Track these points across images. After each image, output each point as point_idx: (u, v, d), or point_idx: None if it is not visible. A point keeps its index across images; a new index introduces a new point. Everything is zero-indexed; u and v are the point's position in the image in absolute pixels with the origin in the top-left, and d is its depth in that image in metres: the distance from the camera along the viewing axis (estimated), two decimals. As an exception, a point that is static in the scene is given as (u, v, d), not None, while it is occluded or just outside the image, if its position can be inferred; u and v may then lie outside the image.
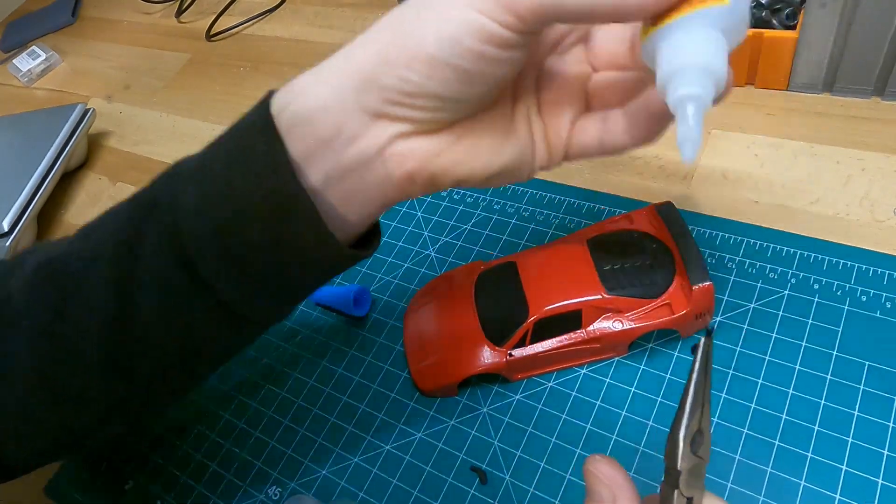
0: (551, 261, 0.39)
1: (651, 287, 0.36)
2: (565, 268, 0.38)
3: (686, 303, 0.35)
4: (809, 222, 0.42)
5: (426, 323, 0.42)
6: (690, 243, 0.37)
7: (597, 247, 0.38)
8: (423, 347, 0.41)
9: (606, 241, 0.39)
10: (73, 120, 0.69)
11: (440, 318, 0.41)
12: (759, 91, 0.50)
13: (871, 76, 0.45)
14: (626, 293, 0.36)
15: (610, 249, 0.38)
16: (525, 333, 0.37)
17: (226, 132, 0.29)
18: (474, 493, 0.37)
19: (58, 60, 0.92)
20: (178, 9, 0.89)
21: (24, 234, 0.62)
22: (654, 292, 0.36)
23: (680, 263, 0.36)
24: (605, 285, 0.36)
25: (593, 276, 0.37)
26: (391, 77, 0.25)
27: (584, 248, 0.38)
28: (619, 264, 0.37)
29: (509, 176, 0.30)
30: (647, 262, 0.37)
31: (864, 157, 0.44)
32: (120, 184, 0.69)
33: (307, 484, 0.40)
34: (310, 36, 0.75)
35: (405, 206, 0.52)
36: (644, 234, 0.38)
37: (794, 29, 0.46)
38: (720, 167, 0.46)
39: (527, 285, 0.38)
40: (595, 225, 0.41)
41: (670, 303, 0.36)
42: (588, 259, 0.38)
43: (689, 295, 0.35)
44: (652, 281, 0.36)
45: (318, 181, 0.27)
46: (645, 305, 0.36)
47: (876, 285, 0.37)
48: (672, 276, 0.36)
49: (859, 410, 0.33)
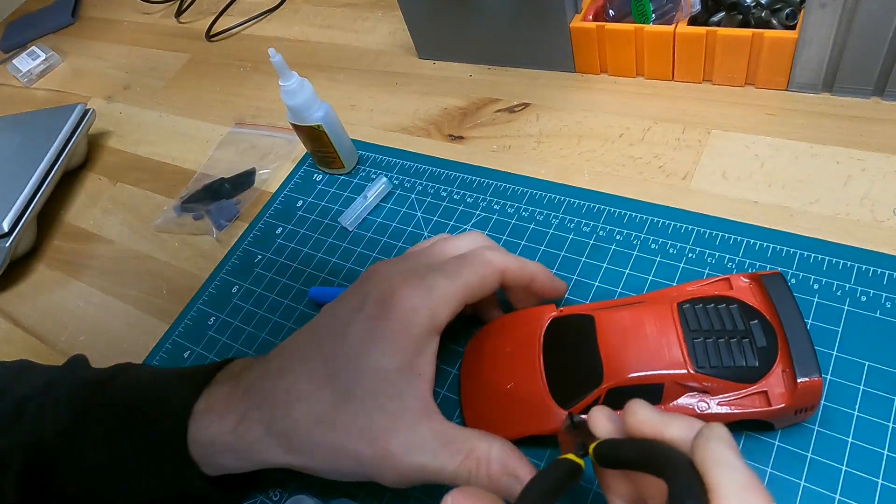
0: (634, 322, 0.34)
1: (746, 371, 0.32)
2: (649, 333, 0.33)
3: (787, 397, 0.31)
4: (809, 222, 0.42)
5: (486, 363, 0.39)
6: (799, 325, 0.32)
7: (687, 313, 0.34)
8: (480, 389, 0.38)
9: (699, 307, 0.34)
10: (73, 120, 0.69)
11: (502, 362, 0.38)
12: (759, 91, 0.50)
13: (871, 76, 0.45)
14: (717, 373, 0.32)
15: (702, 318, 0.34)
16: (596, 400, 0.33)
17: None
18: (474, 493, 0.37)
19: (58, 61, 0.92)
20: (178, 9, 0.89)
21: (25, 234, 0.62)
22: (749, 376, 0.32)
23: (783, 347, 0.32)
24: (693, 360, 0.32)
25: (680, 347, 0.32)
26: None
27: (672, 312, 0.34)
28: (711, 337, 0.33)
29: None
30: (746, 339, 0.33)
31: (864, 158, 0.44)
32: (120, 184, 0.69)
33: (308, 484, 0.40)
34: (310, 36, 0.75)
35: (405, 206, 0.52)
36: (743, 305, 0.34)
37: (794, 29, 0.46)
38: (720, 167, 0.46)
39: (603, 345, 0.34)
40: (685, 284, 0.37)
41: (767, 391, 0.32)
42: (676, 326, 0.33)
43: (794, 389, 0.31)
44: (748, 363, 0.32)
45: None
46: (737, 390, 0.32)
47: (876, 285, 0.37)
48: (773, 360, 0.32)
49: (859, 410, 0.33)
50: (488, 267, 0.35)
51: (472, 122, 0.57)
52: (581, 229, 0.46)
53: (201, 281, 0.54)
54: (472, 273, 0.35)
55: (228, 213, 0.58)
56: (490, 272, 0.35)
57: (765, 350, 0.32)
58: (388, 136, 0.59)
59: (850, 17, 0.42)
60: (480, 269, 0.35)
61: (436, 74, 0.63)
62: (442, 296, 0.34)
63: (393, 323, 0.33)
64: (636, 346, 0.33)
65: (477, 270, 0.35)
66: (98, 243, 0.63)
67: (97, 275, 0.60)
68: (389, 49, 0.68)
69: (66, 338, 0.56)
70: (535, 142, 0.53)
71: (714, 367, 0.32)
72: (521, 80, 0.59)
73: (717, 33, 0.47)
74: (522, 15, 0.54)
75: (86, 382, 0.39)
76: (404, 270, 0.35)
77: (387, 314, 0.33)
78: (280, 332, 0.48)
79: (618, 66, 0.54)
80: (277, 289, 0.50)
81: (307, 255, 0.52)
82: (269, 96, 0.69)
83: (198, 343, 0.49)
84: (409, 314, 0.33)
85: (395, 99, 0.62)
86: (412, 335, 0.33)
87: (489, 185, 0.51)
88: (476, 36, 0.59)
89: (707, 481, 0.22)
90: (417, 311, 0.33)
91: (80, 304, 0.58)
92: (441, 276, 0.34)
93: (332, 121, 0.52)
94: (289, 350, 0.36)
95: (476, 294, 0.35)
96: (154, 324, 0.53)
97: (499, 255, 0.36)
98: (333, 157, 0.55)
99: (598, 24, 0.52)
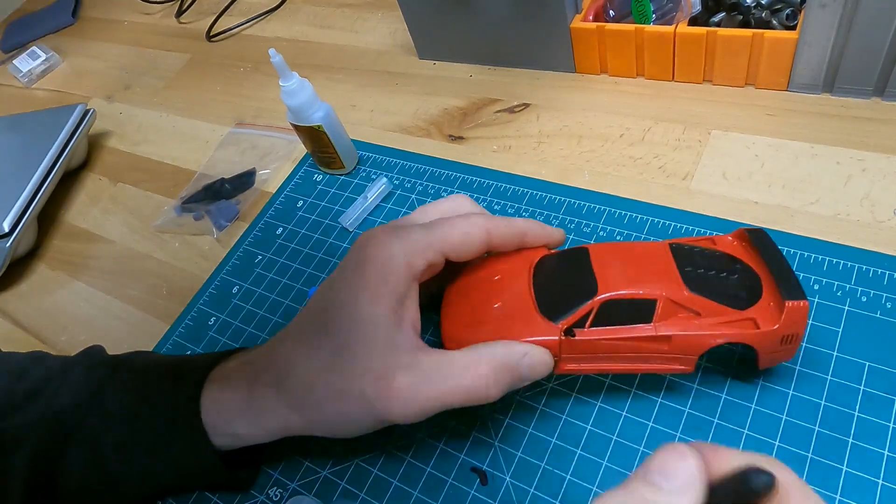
0: (630, 250, 0.35)
1: (736, 299, 0.33)
2: (644, 262, 0.34)
3: (776, 318, 0.32)
4: (809, 222, 0.42)
5: (470, 295, 0.37)
6: (784, 264, 0.33)
7: (679, 251, 0.35)
8: (463, 317, 0.36)
9: (689, 249, 0.35)
10: (73, 120, 0.69)
11: (488, 288, 0.37)
12: (760, 91, 0.50)
13: (871, 76, 0.45)
14: (709, 296, 0.32)
15: (693, 256, 0.34)
16: (588, 314, 0.33)
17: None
18: (474, 493, 0.37)
19: (58, 61, 0.92)
20: (178, 9, 0.89)
21: (25, 234, 0.62)
22: (739, 304, 0.33)
23: (769, 282, 0.33)
24: (686, 283, 0.33)
25: (674, 274, 0.33)
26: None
27: (665, 249, 0.35)
28: (702, 269, 0.34)
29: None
30: (734, 276, 0.34)
31: (865, 158, 0.44)
32: (120, 184, 0.69)
33: (308, 484, 0.40)
34: (310, 36, 0.75)
35: (406, 207, 0.52)
36: (729, 255, 0.35)
37: (794, 29, 0.46)
38: (720, 167, 0.46)
39: (598, 266, 0.34)
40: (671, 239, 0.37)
41: (755, 318, 0.32)
42: (669, 259, 0.34)
43: (781, 310, 0.31)
44: (737, 294, 0.33)
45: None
46: (728, 314, 0.32)
47: (876, 285, 0.37)
48: (760, 292, 0.33)
49: (859, 410, 0.33)
50: (471, 226, 0.36)
51: (473, 122, 0.57)
52: (581, 230, 0.46)
53: (202, 281, 0.54)
54: (451, 227, 0.35)
55: (229, 213, 0.58)
56: (473, 230, 0.35)
57: (752, 287, 0.33)
58: (388, 137, 0.59)
59: (851, 17, 0.42)
60: (461, 225, 0.35)
61: (436, 74, 0.63)
62: (417, 242, 0.34)
63: (372, 272, 0.34)
64: (633, 267, 0.34)
65: (456, 225, 0.35)
66: (98, 243, 0.63)
67: (97, 275, 0.60)
68: (389, 49, 0.68)
69: (67, 338, 0.56)
70: (536, 142, 0.53)
71: (706, 292, 0.32)
72: (522, 81, 0.59)
73: (718, 34, 0.48)
74: (522, 15, 0.54)
75: (102, 362, 0.41)
76: (384, 227, 0.36)
77: (364, 266, 0.34)
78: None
79: (618, 66, 0.54)
80: (278, 289, 0.50)
81: (307, 255, 0.52)
82: (269, 96, 0.70)
83: (198, 343, 0.49)
84: (385, 262, 0.34)
85: (396, 99, 0.62)
86: (390, 283, 0.34)
87: (489, 185, 0.51)
88: (476, 36, 0.59)
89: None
90: (394, 258, 0.34)
91: (80, 304, 0.58)
92: (418, 228, 0.35)
93: (333, 121, 0.52)
94: (293, 320, 0.38)
95: (457, 249, 0.35)
96: (154, 324, 0.53)
97: (483, 217, 0.36)
98: (334, 158, 0.55)
99: (598, 25, 0.52)
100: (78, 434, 0.37)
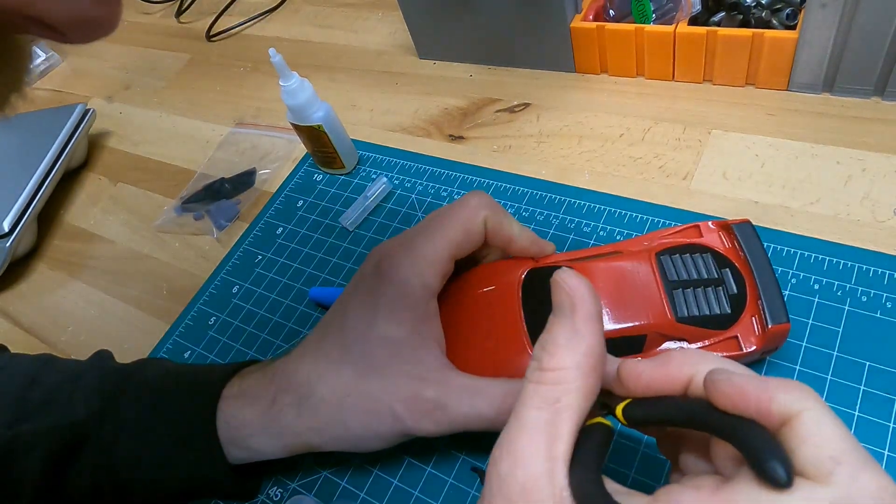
0: (616, 275, 0.35)
1: (720, 318, 0.34)
2: (631, 285, 0.35)
3: (758, 340, 0.33)
4: (809, 222, 0.42)
5: (462, 313, 0.38)
6: (768, 272, 0.34)
7: (665, 264, 0.35)
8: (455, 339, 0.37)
9: (675, 257, 0.36)
10: (73, 120, 0.69)
11: (479, 312, 0.37)
12: (760, 91, 0.50)
13: (871, 76, 0.45)
14: (695, 322, 0.34)
15: (679, 268, 0.35)
16: None
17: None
18: (475, 493, 0.37)
19: (58, 60, 0.92)
20: (178, 9, 0.89)
21: (25, 234, 0.62)
22: (722, 323, 0.34)
23: (753, 293, 0.34)
24: (673, 310, 0.34)
25: (661, 299, 0.34)
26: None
27: (651, 263, 0.35)
28: (689, 287, 0.35)
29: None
30: (720, 288, 0.35)
31: (865, 158, 0.44)
32: (120, 184, 0.69)
33: (308, 484, 0.40)
34: (310, 36, 0.75)
35: (405, 207, 0.52)
36: (716, 254, 0.36)
37: (794, 29, 0.46)
38: (720, 167, 0.46)
39: None
40: (657, 233, 0.38)
41: (738, 336, 0.34)
42: (656, 277, 0.35)
43: (764, 333, 0.33)
44: (721, 310, 0.34)
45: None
46: (712, 337, 0.34)
47: (876, 285, 0.37)
48: (743, 307, 0.34)
49: (859, 410, 0.33)
50: (471, 211, 0.36)
51: (473, 122, 0.57)
52: (581, 229, 0.46)
53: (202, 281, 0.54)
54: (453, 226, 0.35)
55: (229, 213, 0.58)
56: (473, 217, 0.36)
57: (736, 298, 0.34)
58: (388, 136, 0.59)
59: (851, 17, 0.42)
60: (462, 214, 0.36)
61: (436, 74, 0.63)
62: (428, 261, 0.35)
63: (390, 295, 0.34)
64: (620, 299, 0.34)
65: (457, 217, 0.35)
66: (98, 243, 0.63)
67: (97, 275, 0.60)
68: (389, 49, 0.68)
69: (67, 338, 0.56)
70: (536, 142, 0.53)
71: (692, 316, 0.34)
72: (522, 80, 0.59)
73: (718, 33, 0.47)
74: (522, 15, 0.54)
75: (115, 371, 0.41)
76: (393, 242, 0.36)
77: (381, 287, 0.35)
78: (280, 333, 0.48)
79: (618, 66, 0.54)
80: (278, 289, 0.50)
81: (307, 255, 0.52)
82: (269, 96, 0.69)
83: (198, 343, 0.49)
84: (402, 284, 0.34)
85: (396, 99, 0.62)
86: (409, 304, 0.34)
87: (489, 185, 0.51)
88: (476, 36, 0.59)
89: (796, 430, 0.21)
90: (410, 280, 0.34)
91: (80, 304, 0.58)
92: (423, 238, 0.35)
93: (333, 121, 0.52)
94: (309, 337, 0.38)
95: (463, 246, 0.36)
96: (154, 324, 0.53)
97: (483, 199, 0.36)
98: (334, 157, 0.55)
99: (598, 25, 0.52)
100: (91, 443, 0.37)
